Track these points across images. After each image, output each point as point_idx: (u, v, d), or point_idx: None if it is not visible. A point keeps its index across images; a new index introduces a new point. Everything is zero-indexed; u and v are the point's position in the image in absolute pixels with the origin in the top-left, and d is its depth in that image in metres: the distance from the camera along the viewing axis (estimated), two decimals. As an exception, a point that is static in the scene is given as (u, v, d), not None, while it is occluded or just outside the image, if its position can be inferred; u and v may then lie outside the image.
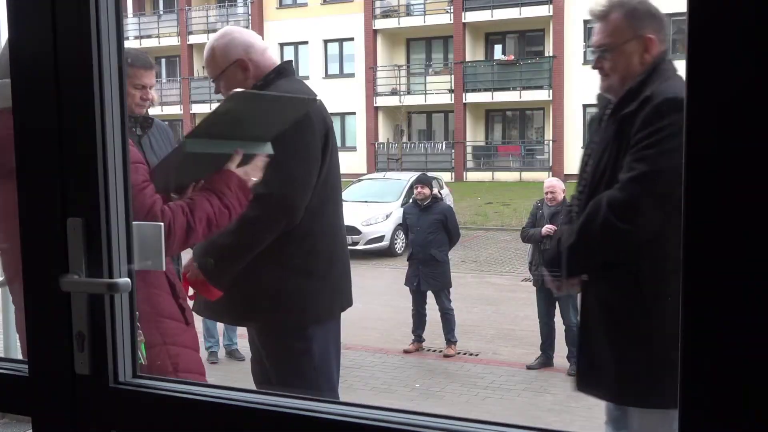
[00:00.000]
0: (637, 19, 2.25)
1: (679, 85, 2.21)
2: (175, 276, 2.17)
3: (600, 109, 2.39)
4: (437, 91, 24.30)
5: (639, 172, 2.09)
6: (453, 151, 23.90)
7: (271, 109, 2.20)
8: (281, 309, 2.44)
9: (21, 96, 1.30)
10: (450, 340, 6.88)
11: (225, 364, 6.50)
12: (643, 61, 2.24)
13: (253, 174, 2.10)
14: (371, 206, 12.99)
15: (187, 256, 2.47)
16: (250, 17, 25.75)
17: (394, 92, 24.75)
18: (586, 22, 21.39)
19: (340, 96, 21.81)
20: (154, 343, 2.03)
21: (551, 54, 22.53)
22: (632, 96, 2.19)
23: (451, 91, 23.95)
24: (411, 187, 8.61)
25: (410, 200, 8.14)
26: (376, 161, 23.71)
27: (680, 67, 0.93)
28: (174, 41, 26.35)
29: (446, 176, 19.67)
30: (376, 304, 8.62)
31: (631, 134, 2.15)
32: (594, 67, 2.30)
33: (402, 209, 8.64)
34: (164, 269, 1.92)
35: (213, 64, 2.49)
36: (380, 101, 24.84)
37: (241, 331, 6.00)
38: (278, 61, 2.56)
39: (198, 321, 2.38)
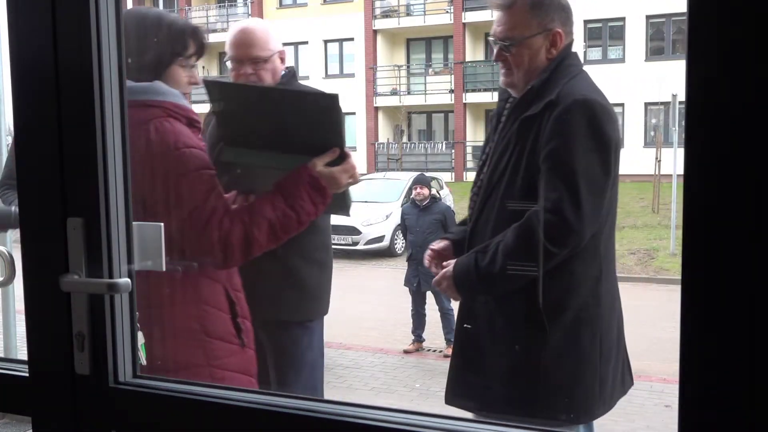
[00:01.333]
0: (545, 12, 2.09)
1: (585, 85, 2.09)
2: (238, 291, 1.94)
3: (500, 104, 2.26)
4: (437, 91, 24.28)
5: (563, 194, 1.95)
6: (453, 151, 23.88)
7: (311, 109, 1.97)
8: (305, 299, 2.50)
9: (21, 96, 1.30)
10: (450, 340, 6.87)
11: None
12: (549, 56, 2.10)
13: (340, 175, 1.85)
14: (371, 206, 12.97)
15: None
16: (250, 17, 25.75)
17: (394, 92, 24.73)
18: (586, 22, 21.40)
19: (340, 96, 21.75)
20: (197, 364, 1.85)
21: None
22: (534, 95, 2.07)
23: (451, 91, 23.93)
24: (410, 188, 8.61)
25: (409, 201, 8.13)
26: (376, 161, 23.69)
27: (680, 66, 0.93)
28: (174, 41, 26.28)
29: (446, 176, 19.65)
30: (376, 304, 8.62)
31: (539, 140, 2.01)
32: (495, 60, 2.15)
33: (402, 209, 8.64)
34: (164, 269, 1.63)
35: (260, 47, 2.35)
36: (380, 101, 24.83)
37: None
38: None
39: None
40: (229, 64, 2.39)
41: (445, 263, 2.16)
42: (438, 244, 2.29)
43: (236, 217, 1.77)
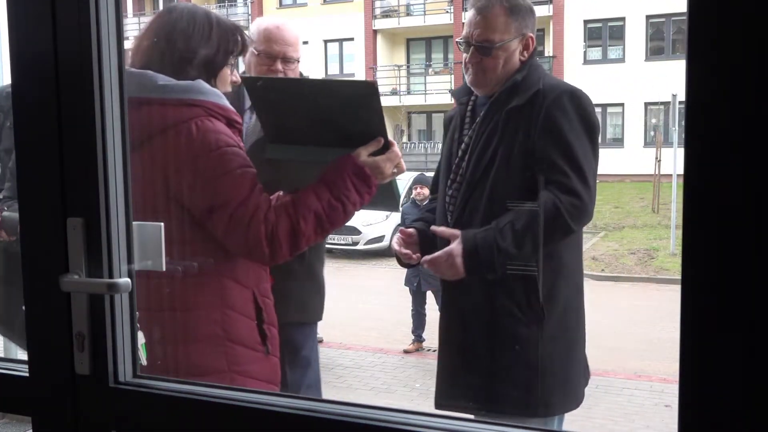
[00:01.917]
0: (521, 17, 2.17)
1: (563, 82, 2.24)
2: (267, 298, 1.90)
3: (461, 106, 2.29)
4: (437, 91, 24.27)
5: (571, 175, 2.04)
6: (453, 151, 23.86)
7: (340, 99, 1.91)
8: (321, 299, 2.57)
9: (21, 96, 1.30)
10: (450, 340, 6.87)
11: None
12: (522, 58, 2.18)
13: (384, 164, 1.81)
14: (371, 206, 12.95)
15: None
16: (250, 17, 25.76)
17: (394, 92, 24.74)
18: (586, 22, 21.41)
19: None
20: (219, 369, 1.80)
21: (551, 54, 22.52)
22: (516, 90, 2.12)
23: (451, 91, 23.93)
24: (411, 188, 8.60)
25: (409, 201, 8.13)
26: (376, 161, 23.68)
27: (680, 66, 0.93)
28: (174, 41, 26.27)
29: (446, 176, 19.65)
30: (376, 304, 8.62)
31: (532, 129, 2.07)
32: (469, 62, 2.18)
33: (402, 209, 8.63)
34: (163, 269, 1.57)
35: (294, 47, 2.38)
36: (380, 101, 24.84)
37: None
38: None
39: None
40: (253, 58, 2.34)
41: (451, 241, 2.10)
42: (407, 231, 2.31)
43: (281, 211, 1.74)
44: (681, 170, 0.89)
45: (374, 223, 12.61)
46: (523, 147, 2.08)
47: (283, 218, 1.72)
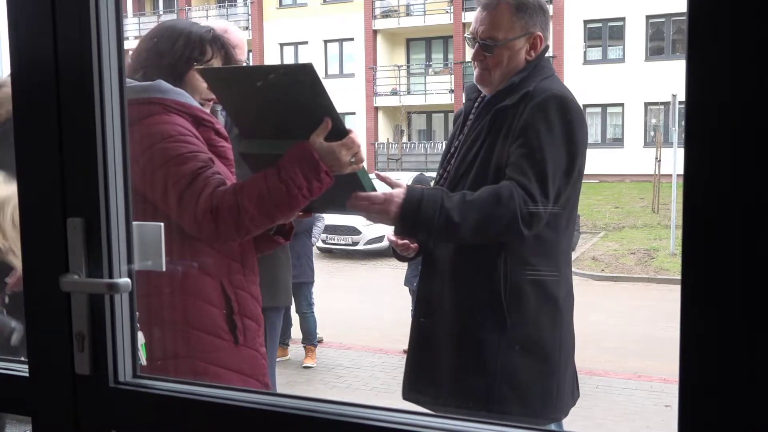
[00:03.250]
0: (528, 15, 2.11)
1: (559, 84, 2.12)
2: (240, 289, 1.93)
3: (468, 103, 2.26)
4: (437, 91, 24.28)
5: (531, 178, 1.96)
6: (453, 151, 23.86)
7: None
8: (289, 284, 3.02)
9: (21, 96, 1.30)
10: (450, 340, 6.88)
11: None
12: (528, 57, 2.12)
13: (339, 150, 1.79)
14: (371, 206, 12.96)
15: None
16: (250, 17, 25.76)
17: (394, 92, 24.75)
18: (586, 22, 21.41)
19: (340, 96, 21.79)
20: (179, 354, 1.86)
21: (551, 54, 22.52)
22: (512, 90, 2.08)
23: (451, 91, 23.93)
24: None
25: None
26: (376, 161, 23.70)
27: (680, 66, 0.93)
28: (174, 41, 26.25)
29: (446, 176, 19.65)
30: (376, 304, 8.62)
31: (513, 128, 2.02)
32: (474, 59, 2.15)
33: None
34: (164, 269, 1.58)
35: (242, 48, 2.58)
36: (380, 101, 24.84)
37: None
38: None
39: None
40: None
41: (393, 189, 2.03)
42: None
43: (229, 190, 1.80)
44: (681, 170, 0.89)
45: (374, 224, 12.60)
46: (501, 147, 2.04)
47: (228, 196, 1.78)
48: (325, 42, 25.33)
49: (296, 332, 6.49)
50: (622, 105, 20.12)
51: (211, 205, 1.77)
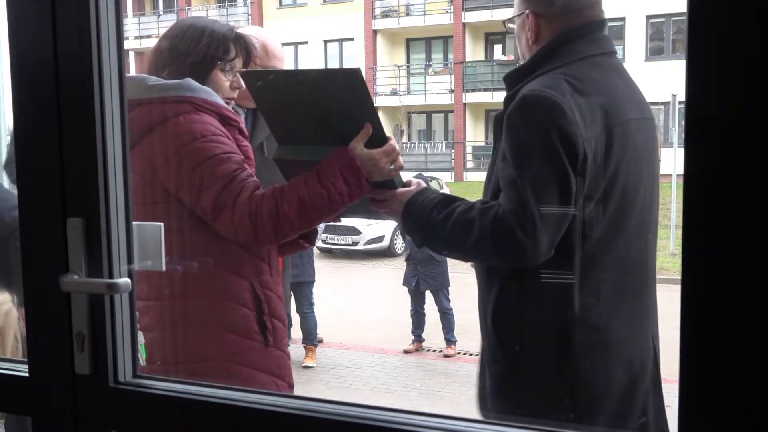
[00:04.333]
0: None
1: (542, 82, 1.70)
2: (269, 290, 1.91)
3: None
4: (437, 91, 24.28)
5: (516, 205, 1.65)
6: (453, 151, 23.87)
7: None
8: None
9: (21, 96, 1.30)
10: (449, 340, 6.88)
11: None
12: (528, 43, 1.79)
13: (379, 158, 1.78)
14: (371, 206, 12.94)
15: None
16: (250, 17, 25.75)
17: (394, 92, 24.74)
18: (586, 22, 21.36)
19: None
20: (211, 357, 1.83)
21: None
22: (509, 88, 1.81)
23: (451, 91, 23.93)
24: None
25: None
26: (376, 161, 23.67)
27: (680, 66, 0.93)
28: (174, 41, 26.27)
29: (446, 176, 19.66)
30: (376, 304, 8.62)
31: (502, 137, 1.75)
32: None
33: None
34: (161, 270, 1.51)
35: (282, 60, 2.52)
36: (380, 101, 24.81)
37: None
38: None
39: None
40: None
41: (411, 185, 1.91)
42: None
43: (269, 193, 1.77)
44: (681, 170, 0.88)
45: (374, 223, 12.61)
46: (497, 158, 1.80)
47: (268, 199, 1.75)
48: (325, 42, 25.33)
49: (296, 332, 6.50)
50: (622, 105, 20.09)
51: (250, 209, 1.75)
